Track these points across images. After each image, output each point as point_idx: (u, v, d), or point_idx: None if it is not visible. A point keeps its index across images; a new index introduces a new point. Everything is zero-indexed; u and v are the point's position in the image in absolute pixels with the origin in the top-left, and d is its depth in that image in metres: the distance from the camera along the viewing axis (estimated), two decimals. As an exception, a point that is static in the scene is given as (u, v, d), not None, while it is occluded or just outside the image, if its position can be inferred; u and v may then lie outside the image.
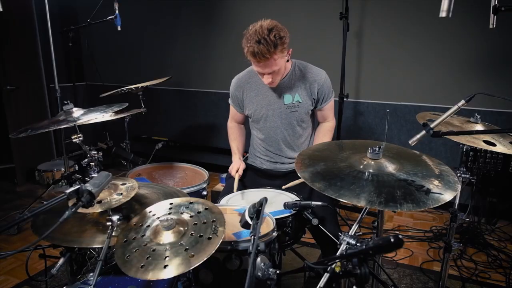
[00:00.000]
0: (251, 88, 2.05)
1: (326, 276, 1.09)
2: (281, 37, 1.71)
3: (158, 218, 1.26)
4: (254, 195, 1.88)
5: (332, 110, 2.09)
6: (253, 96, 2.04)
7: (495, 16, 1.42)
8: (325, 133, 2.09)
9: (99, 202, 1.27)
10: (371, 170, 1.27)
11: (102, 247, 1.25)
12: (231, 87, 2.12)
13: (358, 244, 1.20)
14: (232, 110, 2.20)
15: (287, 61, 1.88)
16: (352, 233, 1.25)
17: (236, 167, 2.05)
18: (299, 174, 1.28)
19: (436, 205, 1.11)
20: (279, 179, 2.07)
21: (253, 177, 2.10)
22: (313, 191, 1.87)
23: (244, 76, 2.08)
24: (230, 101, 2.18)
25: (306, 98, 1.98)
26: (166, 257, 1.10)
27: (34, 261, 2.29)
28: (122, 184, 1.39)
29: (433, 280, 2.33)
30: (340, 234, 1.25)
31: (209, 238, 1.14)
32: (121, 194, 1.32)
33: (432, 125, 1.27)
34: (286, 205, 1.56)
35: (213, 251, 1.09)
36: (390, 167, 1.29)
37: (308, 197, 1.87)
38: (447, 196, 1.16)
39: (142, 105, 3.05)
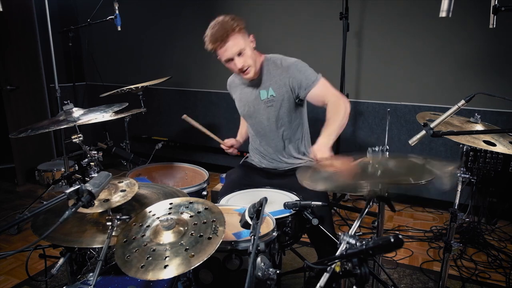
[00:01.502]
0: (236, 88, 2.14)
1: (326, 276, 1.08)
2: (233, 19, 1.81)
3: (158, 218, 1.26)
4: (254, 195, 1.88)
5: (327, 89, 1.89)
6: (237, 95, 2.13)
7: (495, 16, 1.42)
8: (332, 114, 1.80)
9: (105, 201, 1.27)
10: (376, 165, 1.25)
11: (102, 247, 1.25)
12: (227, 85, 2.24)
13: (358, 244, 1.20)
14: None
15: (255, 48, 1.91)
16: (352, 233, 1.25)
17: (228, 140, 2.21)
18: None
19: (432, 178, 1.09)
20: (278, 178, 2.07)
21: (252, 176, 2.10)
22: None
23: (232, 77, 2.20)
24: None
25: (280, 90, 1.92)
26: (166, 257, 1.10)
27: (34, 261, 2.29)
28: (121, 184, 1.39)
29: (433, 280, 2.33)
30: (340, 234, 1.25)
31: (209, 238, 1.14)
32: (122, 193, 1.32)
33: (432, 125, 1.27)
34: (286, 205, 1.56)
35: (213, 251, 1.09)
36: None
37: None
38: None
39: (142, 105, 3.05)
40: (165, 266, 1.07)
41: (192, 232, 1.17)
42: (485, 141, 1.49)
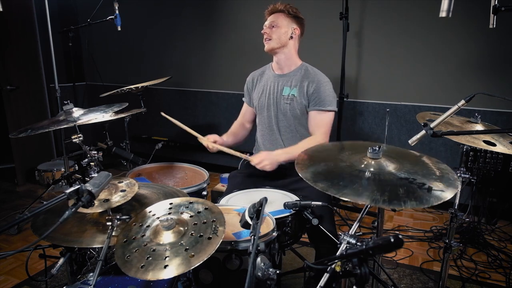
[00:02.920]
0: (261, 80, 2.25)
1: (326, 276, 1.09)
2: (295, 10, 2.11)
3: (158, 218, 1.26)
4: (254, 195, 1.88)
5: (325, 125, 2.01)
6: (260, 86, 2.22)
7: (495, 16, 1.42)
8: (306, 145, 1.64)
9: (105, 201, 1.27)
10: (372, 169, 1.26)
11: (102, 247, 1.25)
12: (246, 81, 2.31)
13: (358, 244, 1.20)
14: (244, 106, 2.37)
15: (291, 38, 2.08)
16: (352, 233, 1.25)
17: (211, 136, 2.11)
18: (300, 174, 1.28)
19: (439, 202, 1.10)
20: (280, 178, 2.07)
21: (254, 177, 2.10)
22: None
23: (258, 71, 2.30)
24: (243, 98, 2.36)
25: (300, 95, 2.06)
26: (166, 257, 1.10)
27: (34, 261, 2.29)
28: (121, 184, 1.39)
29: (433, 280, 2.33)
30: (340, 233, 1.25)
31: (209, 238, 1.14)
32: (122, 193, 1.32)
33: (432, 125, 1.27)
34: (286, 205, 1.56)
35: (213, 251, 1.09)
36: (390, 167, 1.29)
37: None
38: (449, 194, 1.15)
39: (142, 105, 3.05)
40: (165, 266, 1.07)
41: (192, 232, 1.17)
42: (485, 141, 1.49)
